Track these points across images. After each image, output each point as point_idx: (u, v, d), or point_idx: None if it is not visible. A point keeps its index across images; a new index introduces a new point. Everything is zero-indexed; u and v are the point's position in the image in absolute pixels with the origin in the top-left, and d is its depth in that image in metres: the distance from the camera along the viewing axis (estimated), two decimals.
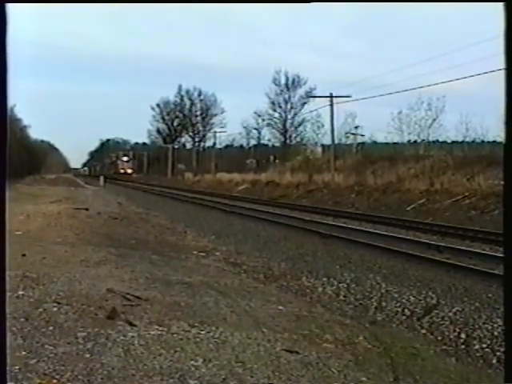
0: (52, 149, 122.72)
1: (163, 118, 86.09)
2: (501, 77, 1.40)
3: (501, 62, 1.39)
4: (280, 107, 66.74)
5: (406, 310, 7.64)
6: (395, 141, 39.10)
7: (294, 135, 66.48)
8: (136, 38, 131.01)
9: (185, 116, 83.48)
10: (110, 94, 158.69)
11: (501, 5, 1.37)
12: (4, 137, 1.36)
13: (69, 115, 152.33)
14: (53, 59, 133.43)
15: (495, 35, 1.40)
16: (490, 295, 8.08)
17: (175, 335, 4.75)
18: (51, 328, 4.69)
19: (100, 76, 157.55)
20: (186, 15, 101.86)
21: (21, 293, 5.83)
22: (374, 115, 53.74)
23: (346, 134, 47.07)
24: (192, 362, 4.09)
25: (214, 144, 70.72)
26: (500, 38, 1.37)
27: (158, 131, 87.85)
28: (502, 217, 1.42)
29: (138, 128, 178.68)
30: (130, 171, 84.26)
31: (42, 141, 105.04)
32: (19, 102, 57.59)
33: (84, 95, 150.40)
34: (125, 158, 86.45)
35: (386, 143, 40.43)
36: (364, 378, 4.27)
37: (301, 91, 65.65)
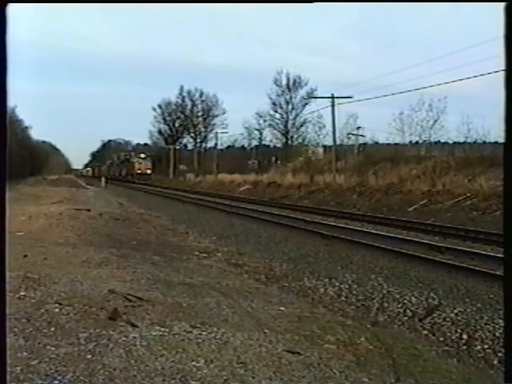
0: (53, 150, 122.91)
1: (165, 119, 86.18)
2: (502, 77, 1.39)
3: (502, 62, 1.38)
4: (281, 108, 66.85)
5: (407, 311, 7.63)
6: (397, 142, 39.11)
7: (295, 136, 66.55)
8: (137, 39, 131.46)
9: (186, 117, 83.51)
10: (111, 95, 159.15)
11: (502, 5, 1.37)
12: (4, 137, 1.36)
13: (70, 116, 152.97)
14: (54, 60, 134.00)
15: (497, 36, 1.40)
16: (491, 296, 8.08)
17: (177, 336, 4.75)
18: (53, 329, 4.69)
19: (101, 77, 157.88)
20: (187, 16, 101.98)
21: (22, 294, 5.83)
22: (376, 116, 53.89)
23: (348, 134, 47.12)
24: (194, 363, 4.09)
25: (216, 145, 70.80)
26: (502, 39, 1.36)
27: (160, 132, 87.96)
28: (502, 217, 1.42)
29: (140, 129, 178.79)
30: (149, 172, 70.55)
31: (44, 142, 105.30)
32: (20, 102, 57.76)
33: (85, 96, 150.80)
34: (142, 155, 73.26)
35: (388, 144, 40.45)
36: (366, 379, 4.26)
37: (302, 92, 65.81)
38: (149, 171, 70.44)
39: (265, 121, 68.99)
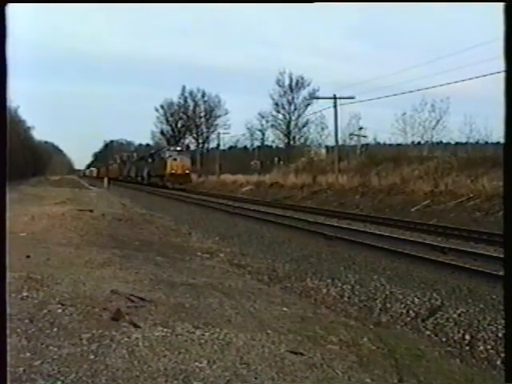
0: (56, 150, 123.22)
1: (167, 120, 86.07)
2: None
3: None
4: (284, 108, 66.71)
5: (410, 312, 7.62)
6: (399, 142, 39.17)
7: (297, 136, 66.46)
8: (138, 39, 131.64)
9: (188, 117, 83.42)
10: (114, 95, 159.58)
11: (502, 5, 1.37)
12: (4, 137, 1.37)
13: (72, 116, 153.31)
14: (54, 60, 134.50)
15: (498, 36, 1.40)
16: (494, 296, 8.07)
17: (179, 336, 4.75)
18: (55, 329, 4.70)
19: (103, 77, 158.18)
20: (189, 16, 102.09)
21: (25, 294, 5.83)
22: (378, 117, 53.81)
23: (350, 135, 47.17)
24: (196, 364, 4.09)
25: (218, 145, 70.63)
26: (502, 39, 1.36)
27: (162, 132, 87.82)
28: (502, 217, 1.42)
29: (142, 129, 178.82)
30: (187, 171, 51.70)
31: (46, 142, 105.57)
32: (23, 103, 57.94)
33: (87, 96, 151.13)
34: (178, 148, 55.40)
35: (390, 144, 40.49)
36: (368, 380, 4.26)
37: (304, 92, 65.65)
38: (187, 171, 51.87)
39: (267, 121, 68.96)
